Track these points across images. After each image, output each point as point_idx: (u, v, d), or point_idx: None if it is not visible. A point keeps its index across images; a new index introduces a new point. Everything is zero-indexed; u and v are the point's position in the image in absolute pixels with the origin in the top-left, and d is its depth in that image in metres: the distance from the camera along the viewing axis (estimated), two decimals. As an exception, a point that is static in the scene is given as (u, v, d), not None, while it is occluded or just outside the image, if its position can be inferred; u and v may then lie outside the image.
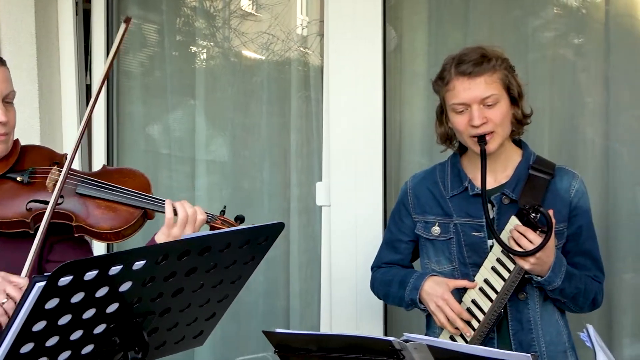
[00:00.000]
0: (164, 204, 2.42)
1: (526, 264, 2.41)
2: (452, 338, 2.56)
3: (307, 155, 3.85)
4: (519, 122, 2.60)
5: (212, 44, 4.10)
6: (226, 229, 2.20)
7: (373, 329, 3.51)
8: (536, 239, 2.38)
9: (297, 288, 3.90)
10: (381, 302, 3.43)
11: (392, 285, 2.71)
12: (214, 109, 4.02)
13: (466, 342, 2.51)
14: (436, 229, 2.65)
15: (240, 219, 2.52)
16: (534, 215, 2.39)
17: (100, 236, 2.41)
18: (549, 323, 2.58)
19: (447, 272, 2.64)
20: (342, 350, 2.07)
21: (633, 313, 3.44)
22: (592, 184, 3.26)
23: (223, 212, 2.53)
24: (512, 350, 2.53)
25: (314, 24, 3.86)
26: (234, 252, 1.96)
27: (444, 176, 2.69)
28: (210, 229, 2.43)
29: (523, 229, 2.41)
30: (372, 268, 2.87)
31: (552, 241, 2.42)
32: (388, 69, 3.56)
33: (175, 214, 2.39)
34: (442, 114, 2.65)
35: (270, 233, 2.04)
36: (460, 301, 2.55)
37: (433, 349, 1.99)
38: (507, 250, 2.44)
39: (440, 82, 2.57)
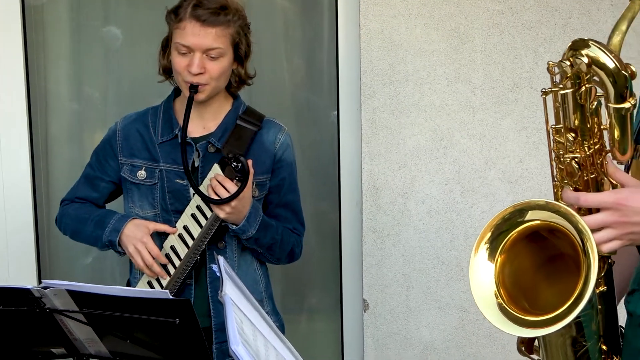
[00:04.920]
0: None
1: (222, 213, 2.44)
2: (149, 283, 2.55)
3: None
4: (241, 80, 2.60)
5: None
6: None
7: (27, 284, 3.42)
8: (233, 188, 2.41)
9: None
10: (34, 257, 3.39)
11: (86, 224, 2.60)
12: None
13: (162, 287, 2.52)
14: (142, 173, 2.57)
15: None
16: (235, 164, 2.42)
17: None
18: (247, 272, 2.61)
19: (149, 217, 2.57)
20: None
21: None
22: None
23: None
24: (209, 297, 2.56)
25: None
26: None
27: (155, 120, 2.61)
28: None
29: (222, 177, 2.43)
30: (62, 201, 2.73)
31: (249, 191, 2.46)
32: (30, 44, 3.41)
33: None
34: (167, 46, 2.56)
35: None
36: (161, 247, 2.53)
37: (73, 294, 2.02)
38: (202, 198, 2.46)
39: (174, 17, 2.47)
